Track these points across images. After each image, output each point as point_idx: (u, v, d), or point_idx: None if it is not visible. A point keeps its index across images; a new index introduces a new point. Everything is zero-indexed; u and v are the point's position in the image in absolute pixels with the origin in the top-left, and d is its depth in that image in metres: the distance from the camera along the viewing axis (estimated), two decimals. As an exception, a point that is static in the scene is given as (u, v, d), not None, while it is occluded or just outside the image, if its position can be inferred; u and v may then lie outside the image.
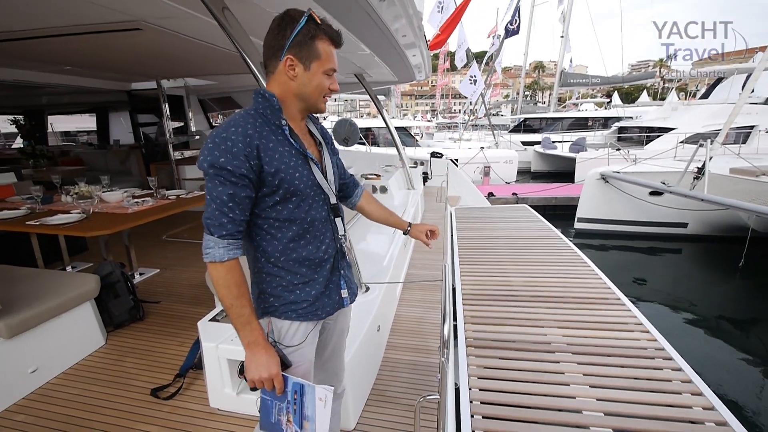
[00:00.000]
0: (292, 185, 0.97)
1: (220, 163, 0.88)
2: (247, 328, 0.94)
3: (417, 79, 5.17)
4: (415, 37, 3.08)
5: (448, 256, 3.49)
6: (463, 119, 27.13)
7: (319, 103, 1.04)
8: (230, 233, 0.92)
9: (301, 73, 0.96)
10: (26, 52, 3.21)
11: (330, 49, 0.98)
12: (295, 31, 0.92)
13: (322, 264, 1.07)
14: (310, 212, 1.02)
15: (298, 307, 1.05)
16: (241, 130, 0.90)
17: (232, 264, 0.93)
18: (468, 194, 7.10)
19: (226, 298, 0.93)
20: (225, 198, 0.90)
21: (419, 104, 75.13)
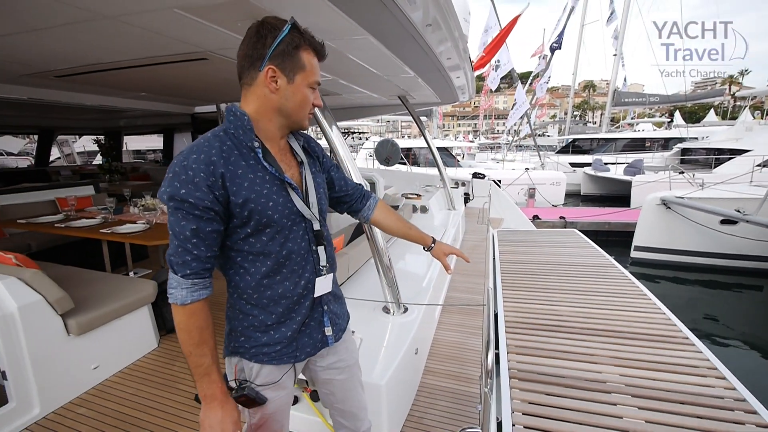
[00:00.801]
0: (264, 216, 0.86)
1: (181, 195, 0.79)
2: (205, 379, 0.86)
3: (460, 100, 5.17)
4: (459, 59, 3.10)
5: (490, 280, 3.35)
6: (507, 140, 26.58)
7: (303, 119, 0.94)
8: (195, 272, 0.82)
9: (283, 85, 0.87)
10: (111, 81, 3.66)
11: (314, 61, 0.90)
12: (277, 40, 0.83)
13: (300, 301, 0.95)
14: (286, 244, 0.91)
15: (272, 350, 0.94)
16: (204, 158, 0.80)
17: (195, 307, 0.83)
18: (511, 216, 6.86)
19: (186, 343, 0.84)
20: (188, 233, 0.80)
21: (461, 125, 75.03)
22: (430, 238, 1.28)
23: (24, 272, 1.85)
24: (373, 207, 1.23)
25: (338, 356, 1.10)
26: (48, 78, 3.28)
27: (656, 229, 7.15)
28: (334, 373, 1.11)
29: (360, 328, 1.87)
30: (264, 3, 1.73)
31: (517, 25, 9.64)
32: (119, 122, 7.40)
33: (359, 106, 5.90)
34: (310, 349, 1.00)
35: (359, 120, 12.85)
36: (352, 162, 2.04)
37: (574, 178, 15.05)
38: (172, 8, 1.77)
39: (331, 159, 1.16)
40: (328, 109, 2.03)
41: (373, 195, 1.25)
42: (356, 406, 1.18)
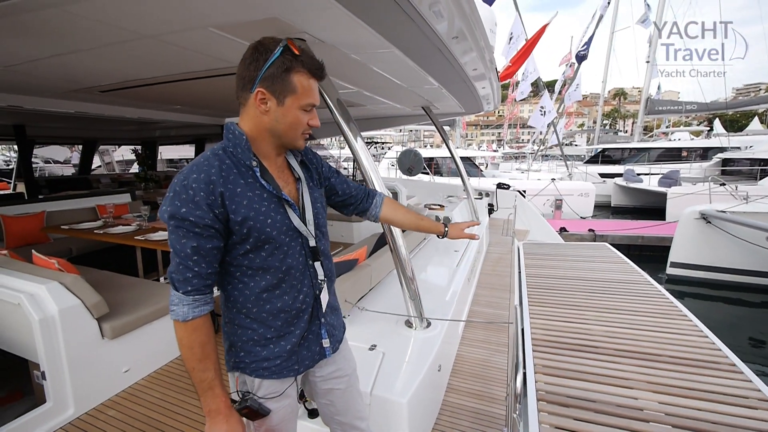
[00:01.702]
0: (263, 233, 0.88)
1: (182, 213, 0.80)
2: (209, 394, 0.86)
3: (485, 110, 5.12)
4: (485, 69, 3.07)
5: (515, 294, 3.24)
6: (532, 149, 26.03)
7: (296, 140, 0.94)
8: (196, 288, 0.84)
9: (273, 107, 0.87)
10: (148, 95, 3.87)
11: (309, 83, 0.89)
12: (268, 63, 0.84)
13: (299, 315, 0.96)
14: (285, 260, 0.92)
15: (272, 364, 0.94)
16: (204, 177, 0.82)
17: (197, 323, 0.85)
18: (537, 228, 6.66)
19: (189, 360, 0.85)
20: (189, 251, 0.82)
21: (484, 134, 74.21)
22: (441, 225, 1.29)
23: (65, 277, 1.96)
24: (380, 204, 1.23)
25: (336, 365, 1.10)
26: (93, 93, 3.50)
27: (695, 245, 6.73)
28: (334, 383, 1.10)
29: (382, 342, 1.85)
30: (294, 21, 1.79)
31: (545, 33, 9.51)
32: (155, 133, 7.80)
33: (383, 117, 5.95)
34: (308, 361, 1.01)
35: (381, 130, 12.96)
36: (376, 173, 2.04)
37: (603, 189, 14.48)
38: (208, 27, 1.85)
39: (330, 166, 1.16)
40: (353, 120, 2.05)
41: (378, 193, 1.25)
42: (356, 416, 1.16)
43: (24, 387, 2.43)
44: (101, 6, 1.53)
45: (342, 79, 3.14)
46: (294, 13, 1.70)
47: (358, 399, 1.18)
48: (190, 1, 1.56)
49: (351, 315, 2.11)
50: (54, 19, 1.66)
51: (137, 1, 1.52)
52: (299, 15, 1.72)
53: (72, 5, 1.49)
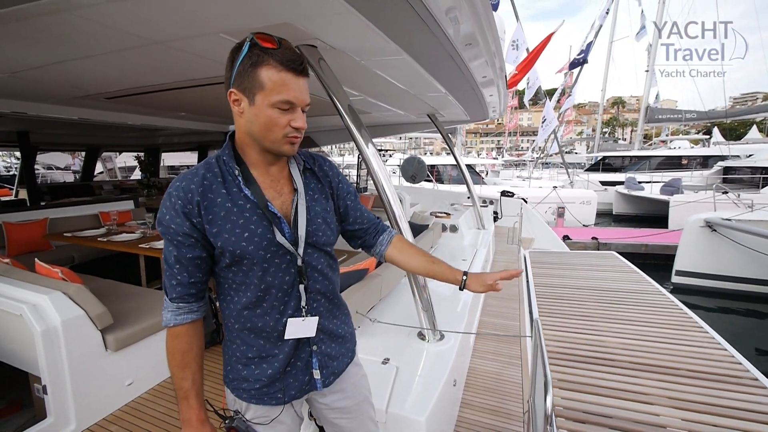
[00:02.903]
0: (237, 247, 0.82)
1: (166, 221, 0.81)
2: (184, 403, 0.86)
3: (489, 117, 5.11)
4: (494, 75, 3.06)
5: (524, 305, 3.18)
6: (532, 157, 26.12)
7: (277, 143, 0.83)
8: (180, 296, 0.83)
9: (246, 108, 0.81)
10: (154, 102, 3.85)
11: (280, 77, 0.78)
12: (238, 61, 0.78)
13: (281, 338, 0.89)
14: (264, 278, 0.85)
15: (251, 386, 0.89)
16: (184, 185, 0.81)
17: (178, 331, 0.84)
18: (542, 236, 6.61)
19: (170, 365, 0.85)
20: (172, 260, 0.82)
21: (484, 142, 74.57)
22: (460, 272, 1.04)
23: (69, 287, 1.90)
24: (386, 242, 1.07)
25: (343, 393, 1.01)
26: (98, 100, 3.48)
27: (700, 253, 6.67)
28: (340, 414, 1.01)
29: (395, 356, 1.79)
30: (307, 26, 1.77)
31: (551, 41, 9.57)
32: (158, 140, 7.80)
33: (387, 124, 5.95)
34: (294, 391, 0.92)
35: (383, 137, 12.95)
36: (388, 181, 2.00)
37: (605, 197, 14.48)
38: (218, 33, 1.83)
39: (350, 187, 1.05)
40: (365, 127, 2.02)
41: (388, 229, 1.10)
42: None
43: (24, 399, 2.36)
44: (112, 11, 1.50)
45: (349, 86, 3.12)
46: (306, 19, 1.68)
47: (371, 427, 1.09)
48: (202, 8, 1.54)
49: (362, 326, 2.05)
50: (63, 24, 1.63)
51: (149, 7, 1.50)
52: (312, 20, 1.70)
53: (83, 9, 1.46)
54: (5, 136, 5.78)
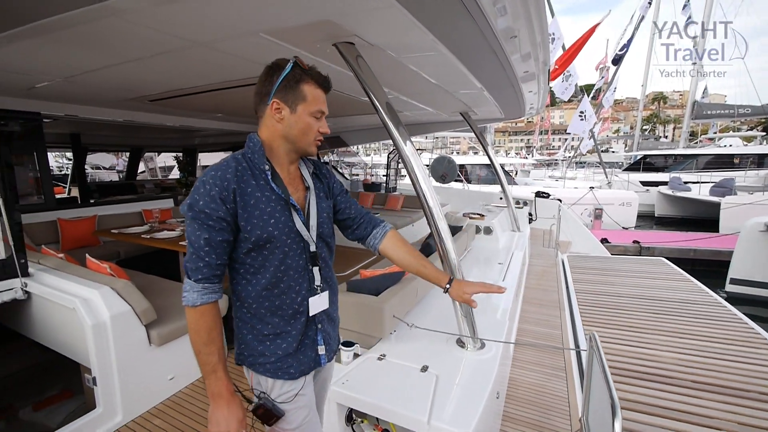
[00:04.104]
0: (265, 231, 0.94)
1: (199, 206, 0.89)
2: (212, 377, 0.93)
3: (526, 115, 4.91)
4: (537, 69, 2.91)
5: (566, 313, 3.01)
6: (564, 156, 25.10)
7: (309, 146, 1.02)
8: (206, 277, 0.92)
9: (287, 115, 0.97)
10: (192, 104, 3.98)
11: (317, 93, 0.99)
12: (281, 77, 0.95)
13: (295, 316, 1.01)
14: (285, 260, 0.98)
15: (266, 360, 1.00)
16: (221, 174, 0.92)
17: (204, 309, 0.92)
18: (580, 239, 6.28)
19: (195, 343, 0.93)
20: (201, 242, 0.90)
21: (513, 141, 72.56)
22: (446, 276, 1.21)
23: (116, 282, 1.97)
24: (380, 236, 1.20)
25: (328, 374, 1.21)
26: (143, 102, 3.63)
27: (760, 260, 6.11)
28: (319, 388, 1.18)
29: (433, 363, 1.72)
30: (346, 22, 1.73)
31: (582, 35, 9.10)
32: (195, 140, 8.11)
33: (418, 123, 5.86)
34: (304, 367, 1.04)
35: (412, 137, 12.88)
36: (427, 180, 1.92)
37: (646, 199, 13.63)
38: (259, 33, 1.82)
39: (342, 186, 1.21)
40: (403, 125, 1.95)
41: (383, 223, 1.23)
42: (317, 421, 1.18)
43: (74, 388, 2.48)
44: (158, 14, 1.53)
45: (382, 84, 3.07)
46: (347, 15, 1.64)
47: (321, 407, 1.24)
48: (244, 8, 1.53)
49: (398, 331, 1.99)
50: (111, 29, 1.68)
51: (193, 9, 1.51)
52: (352, 17, 1.66)
53: (130, 14, 1.49)
54: (59, 138, 6.19)
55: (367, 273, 2.26)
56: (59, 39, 1.77)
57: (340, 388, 1.56)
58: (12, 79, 2.59)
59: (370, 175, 15.08)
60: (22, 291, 2.16)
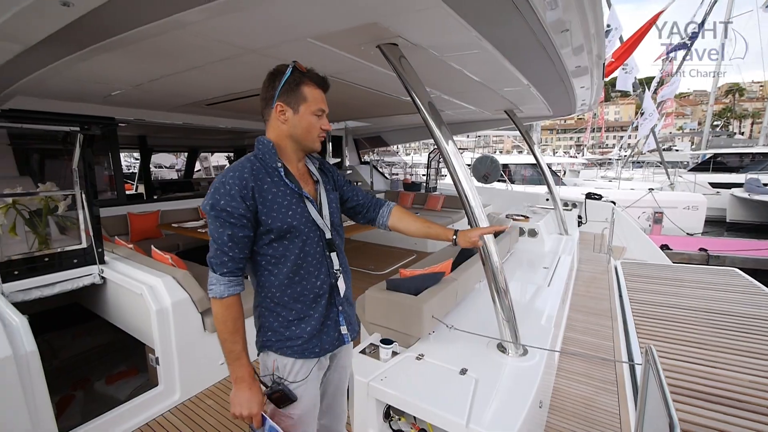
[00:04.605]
0: (285, 223, 1.02)
1: (221, 205, 0.96)
2: (236, 363, 1.01)
3: (577, 112, 4.63)
4: (590, 63, 2.73)
5: (619, 323, 2.81)
6: (619, 155, 23.34)
7: (313, 142, 1.09)
8: (231, 271, 0.99)
9: (291, 116, 1.05)
10: (243, 107, 4.22)
11: (316, 93, 1.06)
12: (282, 82, 1.02)
13: (317, 300, 1.09)
14: (304, 248, 1.05)
15: (294, 344, 1.07)
16: (238, 174, 0.99)
17: (230, 301, 1.00)
18: (637, 245, 5.80)
19: (221, 332, 1.00)
20: (225, 238, 0.97)
21: (561, 139, 68.70)
22: (451, 231, 1.33)
23: (177, 272, 2.15)
24: (387, 213, 1.32)
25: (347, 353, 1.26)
26: (200, 106, 3.92)
27: None
28: (334, 376, 1.24)
29: (473, 367, 1.69)
30: (392, 24, 1.74)
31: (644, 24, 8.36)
32: (244, 141, 8.59)
33: (460, 122, 5.76)
34: (328, 345, 1.12)
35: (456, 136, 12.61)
36: (469, 181, 1.89)
37: (716, 202, 12.29)
38: (306, 38, 1.90)
39: (344, 178, 1.30)
40: (445, 124, 1.93)
41: (387, 202, 1.35)
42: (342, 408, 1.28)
43: (140, 366, 2.75)
44: (215, 26, 1.64)
45: (425, 83, 3.06)
46: (392, 17, 1.66)
47: (344, 397, 1.29)
48: (293, 16, 1.60)
49: (437, 332, 1.98)
50: (174, 41, 1.83)
51: (246, 19, 1.60)
52: (397, 18, 1.68)
53: (191, 26, 1.62)
54: (129, 140, 6.86)
55: (407, 272, 2.27)
56: (132, 52, 1.96)
57: (379, 384, 1.59)
58: (92, 88, 2.92)
59: (409, 175, 15.06)
60: (99, 276, 2.43)
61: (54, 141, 2.59)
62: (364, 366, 1.71)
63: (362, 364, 1.72)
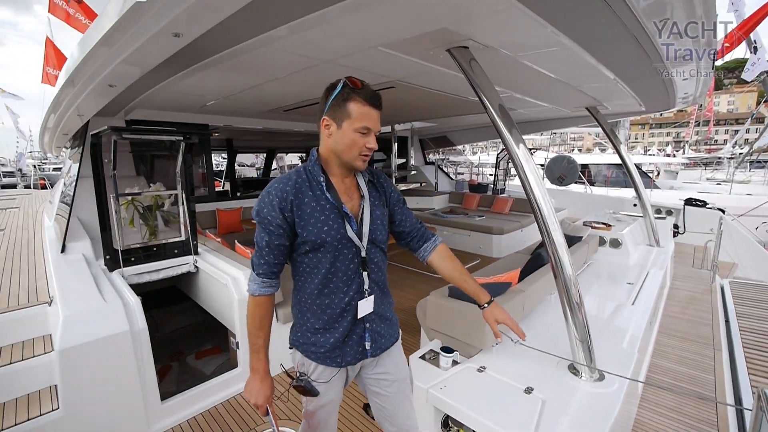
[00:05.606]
0: (318, 238, 1.05)
1: (263, 213, 1.04)
2: (256, 356, 1.11)
3: (678, 106, 4.03)
4: (696, 50, 2.37)
5: (724, 354, 2.40)
6: (732, 152, 19.80)
7: (354, 160, 1.08)
8: (264, 273, 1.07)
9: (334, 131, 1.06)
10: (312, 112, 4.47)
11: (364, 110, 1.03)
12: (332, 97, 1.04)
13: (343, 314, 1.11)
14: (335, 263, 1.07)
15: (317, 350, 1.12)
16: (281, 187, 1.05)
17: (261, 300, 1.09)
18: (751, 262, 4.87)
19: (249, 324, 1.10)
20: (263, 243, 1.06)
21: (655, 135, 60.44)
22: (487, 296, 1.28)
23: (255, 266, 2.37)
24: (430, 250, 1.30)
25: (384, 368, 1.23)
26: (278, 112, 4.26)
27: None
28: (383, 385, 1.23)
29: (539, 386, 1.58)
30: (462, 28, 1.71)
31: None
32: (315, 143, 9.11)
33: (534, 121, 5.41)
34: (350, 358, 1.15)
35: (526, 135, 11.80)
36: (541, 187, 1.77)
37: None
38: (377, 47, 1.95)
39: (400, 196, 1.29)
40: (516, 126, 1.83)
41: (434, 237, 1.32)
42: (406, 423, 1.27)
43: (223, 347, 3.09)
44: (295, 40, 1.76)
45: (495, 83, 2.93)
46: (463, 21, 1.62)
47: (408, 408, 1.29)
48: (364, 26, 1.65)
49: (499, 344, 1.89)
50: (261, 56, 2.02)
51: (322, 32, 1.69)
52: (468, 22, 1.63)
53: (276, 42, 1.76)
54: (218, 143, 7.72)
55: (470, 280, 2.21)
56: (225, 68, 2.21)
57: (438, 392, 1.58)
58: (191, 100, 3.35)
59: (476, 175, 14.56)
60: (193, 266, 2.79)
61: (162, 147, 3.03)
62: (424, 372, 1.71)
63: (422, 370, 1.72)
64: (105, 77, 1.92)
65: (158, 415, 2.05)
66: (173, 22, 1.27)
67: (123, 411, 1.91)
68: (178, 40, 1.44)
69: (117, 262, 2.47)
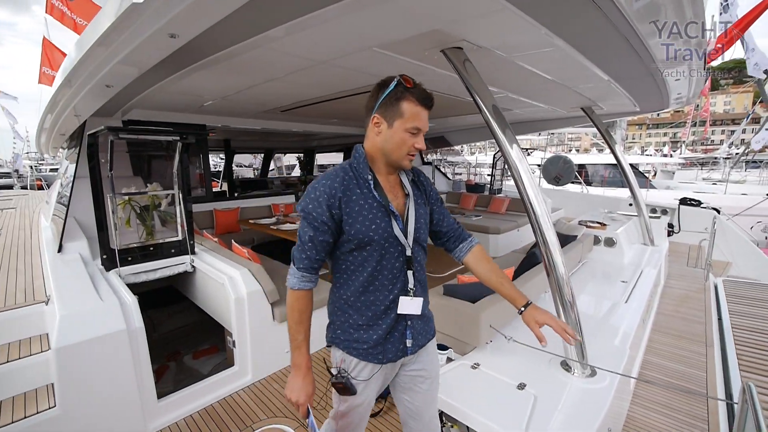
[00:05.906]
0: (366, 236, 1.04)
1: (308, 209, 1.03)
2: (297, 351, 1.09)
3: (672, 107, 4.08)
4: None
5: (716, 350, 2.43)
6: (729, 152, 19.91)
7: (402, 159, 1.08)
8: (305, 267, 1.06)
9: (384, 130, 1.05)
10: (313, 112, 4.49)
11: (416, 110, 1.04)
12: (384, 94, 1.03)
13: (387, 312, 1.10)
14: (381, 261, 1.07)
15: (360, 346, 1.11)
16: (329, 183, 1.04)
17: (300, 294, 1.07)
18: (745, 261, 4.91)
19: (289, 318, 1.09)
20: (306, 238, 1.05)
21: (652, 135, 60.69)
22: (524, 299, 1.25)
23: (252, 265, 2.39)
24: (466, 250, 1.29)
25: (422, 365, 1.23)
26: (275, 113, 4.27)
27: None
28: (418, 381, 1.23)
29: (532, 383, 1.61)
30: (455, 30, 1.73)
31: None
32: (313, 143, 9.13)
33: (529, 121, 5.44)
34: (392, 355, 1.14)
35: (522, 135, 11.87)
36: (534, 188, 1.79)
37: None
38: (372, 47, 1.96)
39: (438, 195, 1.28)
40: (509, 127, 1.86)
41: (470, 238, 1.31)
42: (430, 422, 1.27)
43: (220, 346, 3.10)
44: (291, 41, 1.78)
45: (490, 83, 2.96)
46: (456, 22, 1.64)
47: (435, 407, 1.30)
48: (364, 27, 1.67)
49: (493, 342, 1.92)
50: (257, 57, 2.03)
51: (317, 33, 1.71)
52: (462, 23, 1.66)
53: (272, 43, 1.78)
54: (216, 143, 7.73)
55: (465, 278, 2.23)
56: (222, 69, 2.22)
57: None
58: (188, 100, 3.36)
59: (473, 175, 14.60)
60: (190, 265, 2.80)
61: (159, 147, 3.04)
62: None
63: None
64: (102, 77, 1.93)
65: (155, 413, 2.06)
66: (170, 22, 1.29)
67: (120, 409, 1.92)
68: (175, 41, 1.46)
69: (114, 261, 2.48)
